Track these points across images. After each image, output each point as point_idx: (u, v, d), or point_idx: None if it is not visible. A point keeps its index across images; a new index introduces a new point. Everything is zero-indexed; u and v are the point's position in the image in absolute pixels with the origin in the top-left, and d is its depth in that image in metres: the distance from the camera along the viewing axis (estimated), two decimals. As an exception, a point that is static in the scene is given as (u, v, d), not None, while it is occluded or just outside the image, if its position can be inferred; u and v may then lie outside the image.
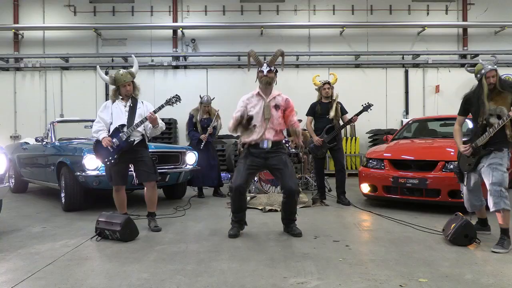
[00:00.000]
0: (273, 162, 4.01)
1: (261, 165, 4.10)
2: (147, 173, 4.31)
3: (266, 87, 4.03)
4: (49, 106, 11.00)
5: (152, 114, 4.18)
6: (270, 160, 4.01)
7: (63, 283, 2.78)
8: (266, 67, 4.00)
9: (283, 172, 3.98)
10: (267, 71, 3.99)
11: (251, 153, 4.03)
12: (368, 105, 5.99)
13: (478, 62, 3.77)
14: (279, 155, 4.03)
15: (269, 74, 3.99)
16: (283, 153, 4.09)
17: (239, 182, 3.97)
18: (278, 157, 4.01)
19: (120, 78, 4.26)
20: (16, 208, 5.88)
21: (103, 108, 4.38)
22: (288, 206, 4.10)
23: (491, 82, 3.60)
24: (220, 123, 6.75)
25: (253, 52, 4.11)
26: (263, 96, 4.05)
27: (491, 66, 3.62)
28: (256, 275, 2.89)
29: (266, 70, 3.99)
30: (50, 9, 11.47)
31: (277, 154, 4.02)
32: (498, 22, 11.26)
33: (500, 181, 3.50)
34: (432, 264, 3.12)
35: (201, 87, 10.54)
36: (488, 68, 3.62)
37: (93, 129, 4.32)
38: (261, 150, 3.99)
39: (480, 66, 3.68)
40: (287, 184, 3.97)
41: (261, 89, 4.08)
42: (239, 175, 4.01)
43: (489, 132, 3.56)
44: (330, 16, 11.48)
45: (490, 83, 3.60)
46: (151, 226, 4.37)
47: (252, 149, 4.03)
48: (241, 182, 3.98)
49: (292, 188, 3.97)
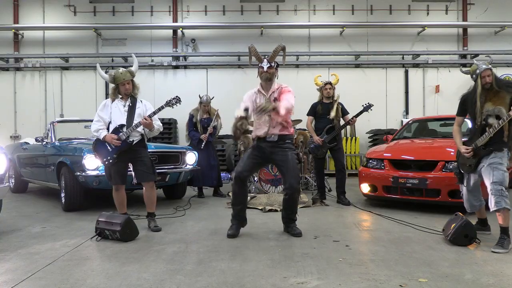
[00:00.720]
0: (278, 158, 4.03)
1: (266, 158, 4.10)
2: (145, 173, 4.31)
3: (266, 82, 4.05)
4: (49, 106, 11.00)
5: (147, 119, 4.18)
6: (275, 155, 4.02)
7: (63, 283, 2.78)
8: (266, 63, 4.00)
9: (286, 169, 4.00)
10: (267, 67, 4.00)
11: (258, 145, 4.08)
12: (368, 105, 6.00)
13: (473, 62, 3.78)
14: (286, 151, 4.03)
15: (269, 70, 4.00)
16: (290, 150, 4.08)
17: (240, 169, 4.01)
18: (284, 153, 4.02)
19: (119, 76, 4.26)
20: (16, 208, 5.88)
21: (102, 107, 4.38)
22: (288, 204, 4.11)
23: (487, 81, 3.60)
24: (220, 122, 6.75)
25: (253, 48, 4.10)
26: (263, 93, 4.07)
27: (485, 66, 3.62)
28: (256, 275, 2.89)
29: (266, 66, 4.00)
30: (50, 9, 11.47)
31: (283, 150, 4.02)
32: (498, 22, 11.26)
33: (501, 180, 3.50)
34: (432, 264, 3.12)
35: (201, 87, 10.55)
36: (482, 68, 3.62)
37: (93, 128, 4.31)
38: (267, 144, 4.01)
39: (475, 67, 3.69)
40: (289, 181, 3.99)
41: (262, 85, 4.09)
42: (242, 163, 4.06)
43: (489, 133, 3.56)
44: (330, 16, 11.48)
45: (486, 82, 3.61)
46: (151, 226, 4.36)
47: (259, 143, 4.07)
48: (243, 169, 4.01)
49: (292, 185, 3.98)
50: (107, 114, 4.32)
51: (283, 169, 4.03)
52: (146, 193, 4.42)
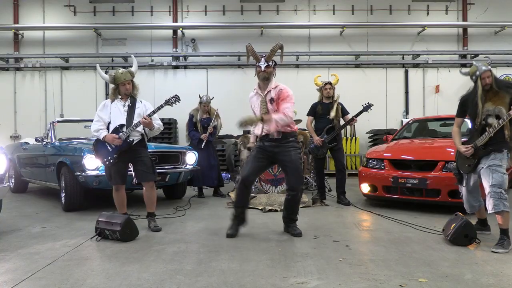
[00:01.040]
0: (282, 158, 4.01)
1: (271, 158, 4.08)
2: (145, 173, 4.31)
3: (264, 82, 4.03)
4: (49, 106, 11.00)
5: (146, 119, 4.18)
6: (279, 155, 4.00)
7: (63, 283, 2.78)
8: (263, 62, 3.99)
9: (290, 169, 4.00)
10: (265, 67, 3.98)
11: (261, 146, 4.05)
12: (368, 105, 6.00)
13: (473, 63, 3.77)
14: (289, 150, 4.00)
15: (266, 69, 3.98)
16: (294, 149, 4.04)
17: (247, 174, 4.01)
18: (288, 153, 3.99)
19: (119, 76, 4.26)
20: (16, 208, 5.88)
21: (102, 107, 4.38)
22: (290, 204, 4.10)
23: (487, 82, 3.60)
24: (220, 122, 6.76)
25: (250, 47, 4.05)
26: (260, 93, 4.06)
27: (485, 67, 3.61)
28: (256, 275, 2.89)
29: (263, 66, 3.98)
30: (50, 9, 11.47)
31: (287, 149, 3.99)
32: (498, 22, 11.25)
33: (499, 183, 3.49)
34: (432, 264, 3.12)
35: (201, 87, 10.54)
36: (482, 69, 3.61)
37: (93, 128, 4.31)
38: (271, 143, 3.98)
39: (475, 68, 3.67)
40: (292, 182, 3.99)
41: (259, 84, 4.08)
42: (247, 167, 4.05)
43: (489, 132, 3.56)
44: (330, 16, 11.48)
45: (486, 83, 3.60)
46: (151, 226, 4.37)
47: (262, 142, 4.05)
48: (249, 174, 4.02)
49: (295, 186, 3.99)
50: (106, 114, 4.32)
51: (287, 169, 4.02)
52: (146, 193, 4.42)
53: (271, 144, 4.00)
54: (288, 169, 4.01)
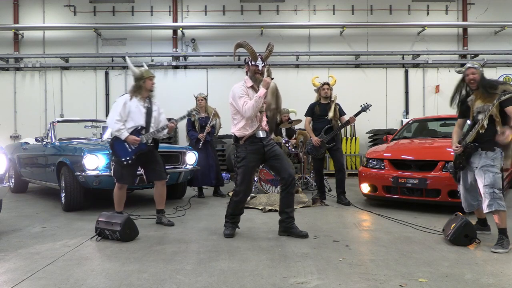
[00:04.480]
0: (271, 154, 4.01)
1: (261, 160, 4.08)
2: (160, 171, 4.54)
3: (257, 81, 4.00)
4: (49, 106, 11.00)
5: (174, 124, 4.49)
6: (268, 153, 4.00)
7: (63, 283, 2.78)
8: (260, 61, 3.98)
9: (282, 160, 4.01)
10: (262, 67, 3.99)
11: (249, 150, 3.96)
12: (367, 105, 5.99)
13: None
14: (274, 146, 4.07)
15: (263, 69, 3.99)
16: (276, 144, 4.14)
17: (245, 188, 4.03)
18: (274, 147, 4.04)
19: (148, 71, 4.48)
20: (16, 208, 5.88)
21: (123, 105, 4.36)
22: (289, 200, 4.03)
23: (470, 78, 3.70)
24: (219, 122, 6.77)
25: (249, 45, 3.96)
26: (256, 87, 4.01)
27: (471, 64, 3.74)
28: (256, 275, 2.89)
29: (261, 66, 3.98)
30: (50, 9, 11.47)
31: (272, 146, 4.05)
32: (498, 22, 11.26)
33: (492, 183, 3.51)
34: (432, 264, 3.12)
35: (201, 87, 10.49)
36: (467, 66, 3.76)
37: (114, 128, 4.33)
38: (258, 144, 3.96)
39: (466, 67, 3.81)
40: (288, 170, 3.97)
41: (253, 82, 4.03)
42: (245, 180, 3.99)
43: (475, 128, 3.60)
44: (330, 16, 11.48)
45: (470, 79, 3.70)
46: (164, 221, 4.55)
47: (249, 146, 3.96)
48: (248, 188, 4.07)
49: (292, 173, 3.99)
50: (126, 112, 4.38)
51: (278, 162, 4.00)
52: (158, 191, 4.59)
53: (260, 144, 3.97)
54: (281, 160, 4.01)
